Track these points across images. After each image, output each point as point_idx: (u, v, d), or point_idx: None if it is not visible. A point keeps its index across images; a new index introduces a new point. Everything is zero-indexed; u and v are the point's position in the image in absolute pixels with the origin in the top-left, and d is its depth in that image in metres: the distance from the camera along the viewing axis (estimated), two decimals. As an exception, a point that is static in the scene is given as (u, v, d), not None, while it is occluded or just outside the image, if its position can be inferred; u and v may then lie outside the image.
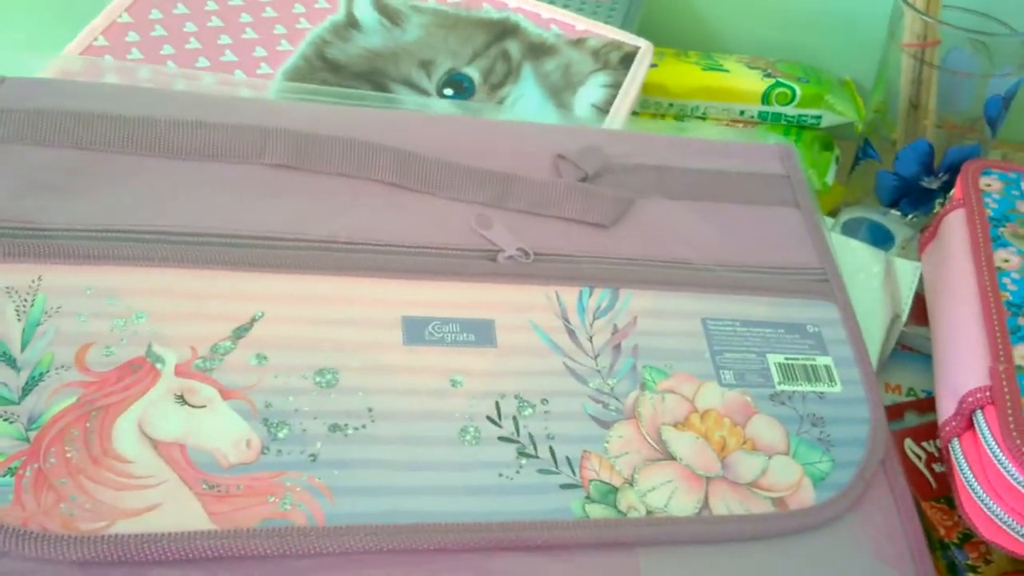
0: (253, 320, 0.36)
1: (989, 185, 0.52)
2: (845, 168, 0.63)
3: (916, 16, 0.54)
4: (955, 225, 0.50)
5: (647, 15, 0.70)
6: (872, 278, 0.52)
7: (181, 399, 0.34)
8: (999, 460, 0.38)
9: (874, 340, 0.49)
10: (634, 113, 0.64)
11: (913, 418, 0.47)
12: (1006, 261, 0.46)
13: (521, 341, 0.39)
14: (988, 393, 0.40)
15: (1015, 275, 0.45)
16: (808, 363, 0.42)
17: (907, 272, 0.53)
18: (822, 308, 0.44)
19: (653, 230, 0.44)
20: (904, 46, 0.55)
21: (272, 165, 0.41)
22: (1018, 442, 0.37)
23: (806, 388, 0.41)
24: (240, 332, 0.36)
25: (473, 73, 0.52)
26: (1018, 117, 0.69)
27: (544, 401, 0.38)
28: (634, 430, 0.38)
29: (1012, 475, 0.37)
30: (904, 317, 0.51)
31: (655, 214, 0.45)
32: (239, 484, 0.32)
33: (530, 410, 0.37)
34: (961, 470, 0.40)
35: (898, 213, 0.59)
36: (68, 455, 0.31)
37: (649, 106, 0.64)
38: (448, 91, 0.51)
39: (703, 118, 0.63)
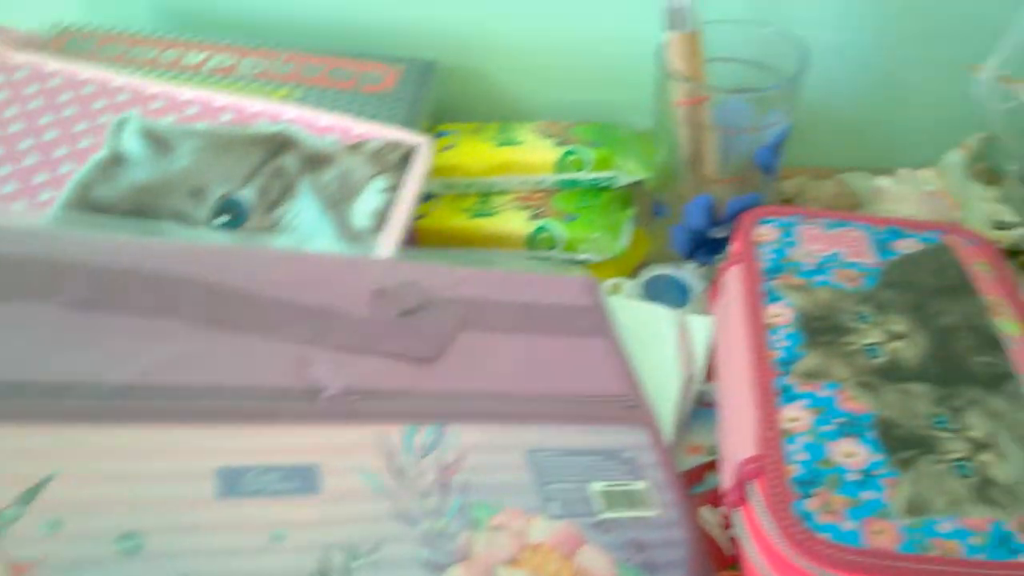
0: (45, 481, 0.33)
1: (765, 235, 0.54)
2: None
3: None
4: (732, 281, 0.52)
5: (445, 91, 0.70)
6: (667, 340, 0.53)
7: None
8: (772, 533, 0.39)
9: (669, 404, 0.50)
10: (432, 196, 0.64)
11: (713, 479, 0.49)
12: (777, 316, 0.48)
13: (347, 486, 0.38)
14: (758, 463, 0.41)
15: (785, 331, 0.47)
16: (626, 489, 0.43)
17: (701, 328, 0.54)
18: (634, 434, 0.45)
19: (475, 364, 0.45)
20: (676, 104, 0.57)
21: (66, 304, 0.38)
22: (784, 515, 0.38)
23: (627, 514, 0.42)
24: (29, 496, 0.32)
25: (248, 195, 0.51)
26: (819, 140, 0.72)
27: (374, 549, 0.36)
28: (468, 572, 0.37)
29: (784, 549, 0.38)
30: (700, 375, 0.52)
31: (475, 348, 0.46)
32: None
33: (360, 560, 0.36)
34: (744, 542, 0.41)
35: (694, 265, 0.60)
36: None
37: (450, 187, 0.65)
38: (222, 218, 0.50)
39: (503, 194, 0.64)
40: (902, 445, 0.41)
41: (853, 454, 0.41)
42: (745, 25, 0.57)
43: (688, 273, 0.59)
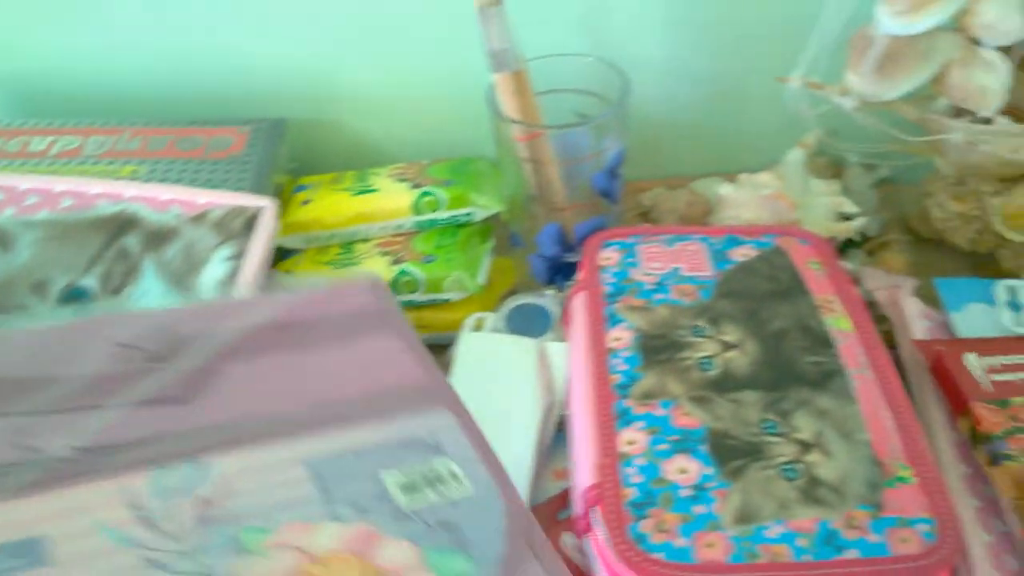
0: None
1: (608, 259, 0.55)
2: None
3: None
4: (578, 308, 0.53)
5: (302, 145, 0.71)
6: (526, 370, 0.55)
7: None
8: (612, 558, 0.40)
9: (531, 433, 0.51)
10: (294, 252, 0.65)
11: (576, 506, 0.50)
12: (617, 340, 0.49)
13: (86, 548, 0.36)
14: (598, 490, 0.42)
15: (625, 354, 0.48)
16: (431, 473, 0.42)
17: (559, 354, 0.55)
18: (435, 417, 0.44)
19: (241, 392, 0.44)
20: (515, 140, 0.58)
21: None
22: (621, 538, 0.40)
23: (434, 498, 0.41)
24: None
25: (90, 283, 0.52)
26: (670, 152, 0.74)
27: None
28: None
29: (623, 572, 0.39)
30: (560, 400, 0.54)
31: (244, 376, 0.45)
32: None
33: None
34: (595, 567, 0.42)
35: (554, 291, 0.62)
36: None
37: (312, 241, 0.65)
38: (67, 310, 0.51)
39: (365, 241, 0.65)
40: (732, 455, 0.43)
41: (685, 470, 0.42)
42: (569, 58, 0.59)
43: (549, 300, 0.61)
